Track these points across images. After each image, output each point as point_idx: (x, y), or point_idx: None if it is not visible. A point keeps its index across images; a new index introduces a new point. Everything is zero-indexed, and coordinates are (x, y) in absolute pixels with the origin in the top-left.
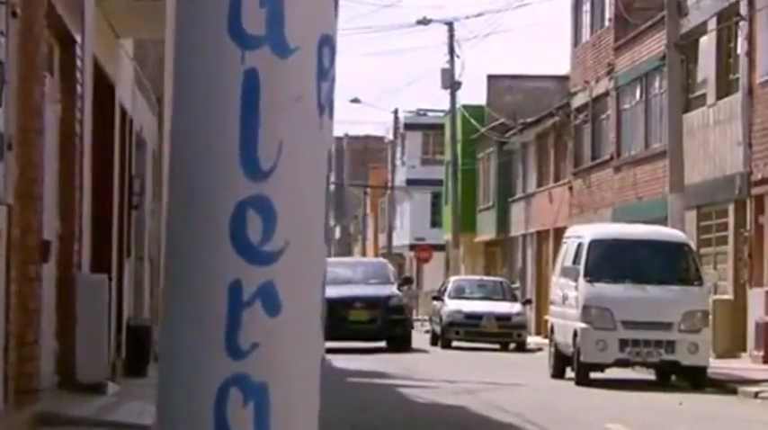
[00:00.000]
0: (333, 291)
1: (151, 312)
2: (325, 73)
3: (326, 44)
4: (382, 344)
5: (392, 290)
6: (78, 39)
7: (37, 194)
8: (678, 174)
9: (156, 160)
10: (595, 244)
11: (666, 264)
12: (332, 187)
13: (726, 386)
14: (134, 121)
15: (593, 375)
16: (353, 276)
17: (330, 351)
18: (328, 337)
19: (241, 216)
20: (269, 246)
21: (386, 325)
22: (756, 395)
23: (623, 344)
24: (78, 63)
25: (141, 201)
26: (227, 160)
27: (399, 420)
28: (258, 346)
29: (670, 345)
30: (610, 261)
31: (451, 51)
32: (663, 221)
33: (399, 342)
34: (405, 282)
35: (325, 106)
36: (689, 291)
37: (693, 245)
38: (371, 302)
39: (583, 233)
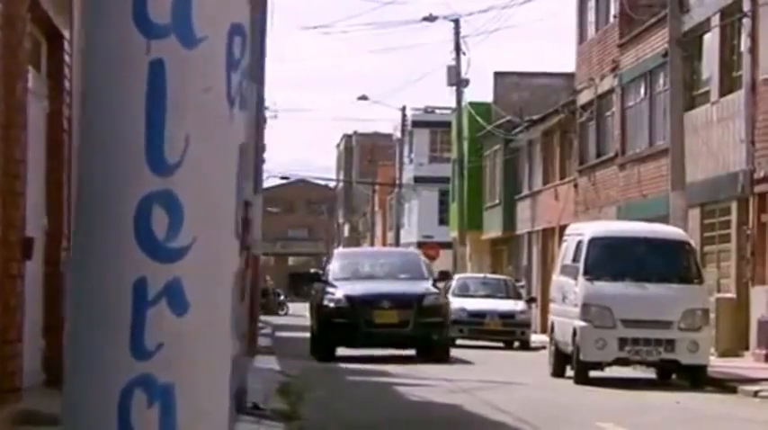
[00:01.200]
0: (354, 288)
1: None
2: (235, 63)
3: (238, 33)
4: (412, 352)
5: (427, 286)
6: (66, 34)
7: (19, 191)
8: (679, 171)
9: None
10: (595, 242)
11: (667, 262)
12: (341, 185)
13: (726, 385)
14: None
15: (592, 374)
16: (380, 270)
17: (341, 358)
18: (349, 344)
19: (146, 211)
20: (175, 243)
21: (419, 329)
22: (756, 394)
23: (623, 342)
24: (66, 59)
25: None
26: (132, 153)
27: (390, 419)
28: (164, 346)
29: (670, 344)
30: (609, 259)
31: (457, 49)
32: (666, 219)
33: (435, 350)
34: (442, 277)
35: (236, 98)
36: (689, 289)
37: (695, 243)
38: (402, 301)
39: (583, 231)
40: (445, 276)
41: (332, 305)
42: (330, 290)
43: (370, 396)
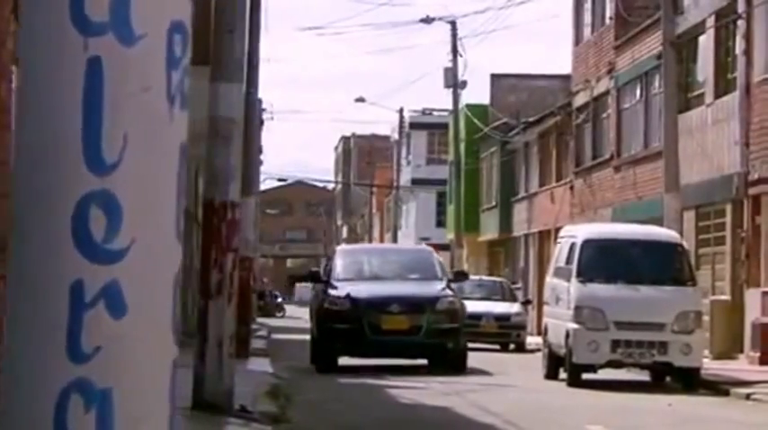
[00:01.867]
0: (359, 290)
1: None
2: (176, 62)
3: (178, 31)
4: (423, 362)
5: (441, 287)
6: None
7: (2, 192)
8: (673, 173)
9: None
10: (588, 244)
11: (660, 264)
12: (338, 186)
13: (719, 388)
14: None
15: (585, 376)
16: (388, 269)
17: (344, 369)
18: (353, 353)
19: (84, 212)
20: (113, 244)
21: (432, 336)
22: (748, 397)
23: (615, 344)
24: None
25: None
26: (69, 153)
27: (379, 421)
28: (102, 350)
29: (663, 346)
30: (602, 261)
31: (454, 50)
32: (662, 221)
33: (450, 360)
34: (457, 277)
35: (177, 97)
36: (682, 291)
37: (688, 245)
38: (413, 305)
39: (576, 233)
40: (461, 277)
41: (334, 308)
42: (332, 291)
43: (360, 398)
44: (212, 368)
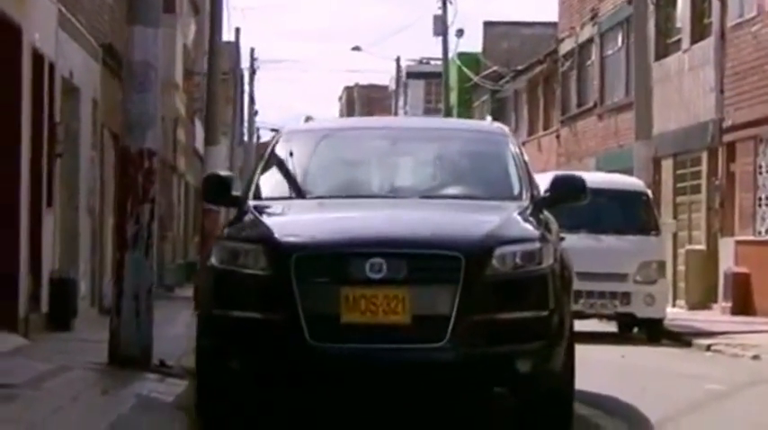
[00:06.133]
0: (299, 224)
1: (93, 265)
2: None
3: None
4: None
5: (515, 220)
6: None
7: None
8: (644, 121)
9: (99, 108)
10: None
11: (623, 213)
12: None
13: (682, 338)
14: (57, 67)
15: None
16: (390, 175)
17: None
18: (275, 380)
19: None
20: None
21: (476, 343)
22: (708, 348)
23: (578, 295)
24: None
25: (67, 149)
26: None
27: None
28: None
29: (625, 297)
30: (565, 210)
31: None
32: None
33: (538, 410)
34: (561, 196)
35: None
36: (645, 241)
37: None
38: (428, 262)
39: (540, 181)
40: (572, 194)
41: (231, 270)
42: (238, 229)
43: None
44: (128, 322)
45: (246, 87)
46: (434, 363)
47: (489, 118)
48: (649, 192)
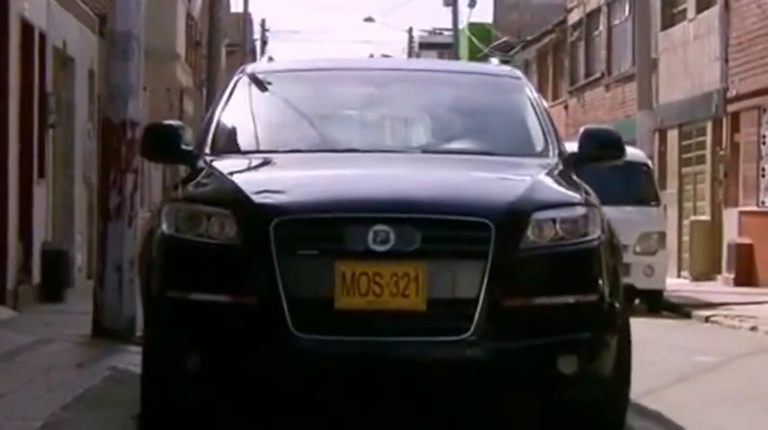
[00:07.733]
0: (278, 182)
1: (90, 236)
2: None
3: None
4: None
5: (547, 179)
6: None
7: None
8: (646, 91)
9: (95, 78)
10: None
11: (624, 183)
12: None
13: (682, 310)
14: (49, 37)
15: None
16: (383, 127)
17: None
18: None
19: None
20: None
21: (507, 335)
22: (707, 319)
23: None
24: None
25: (62, 120)
26: None
27: None
28: None
29: (625, 268)
30: None
31: None
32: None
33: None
34: (600, 155)
35: None
36: (645, 211)
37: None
38: (447, 231)
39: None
40: (609, 152)
41: (187, 240)
42: (205, 189)
43: None
44: (111, 294)
45: (258, 59)
46: (456, 362)
47: (495, 60)
48: (650, 162)
